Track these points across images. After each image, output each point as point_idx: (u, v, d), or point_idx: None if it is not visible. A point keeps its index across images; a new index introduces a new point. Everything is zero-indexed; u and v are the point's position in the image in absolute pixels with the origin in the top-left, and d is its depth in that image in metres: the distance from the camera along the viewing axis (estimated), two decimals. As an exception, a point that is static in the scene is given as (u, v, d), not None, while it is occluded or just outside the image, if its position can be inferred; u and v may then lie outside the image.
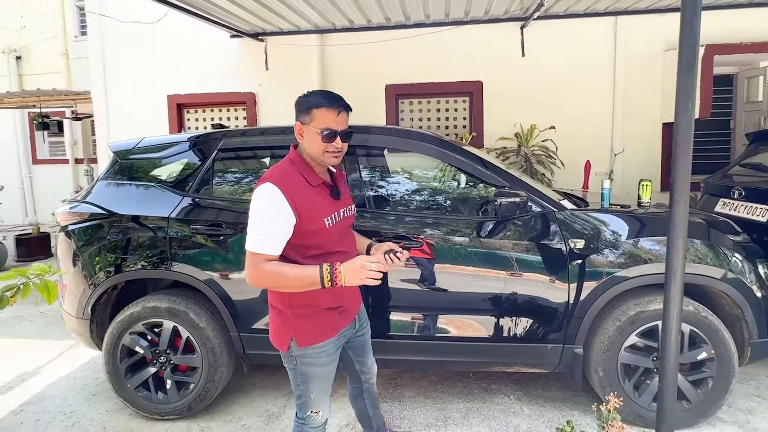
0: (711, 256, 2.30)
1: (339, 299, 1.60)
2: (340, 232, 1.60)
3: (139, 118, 5.54)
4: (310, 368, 1.60)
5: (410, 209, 2.56)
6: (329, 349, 1.61)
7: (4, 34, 9.12)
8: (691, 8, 1.37)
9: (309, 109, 1.51)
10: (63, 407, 2.74)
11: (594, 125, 4.85)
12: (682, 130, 1.43)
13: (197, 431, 2.46)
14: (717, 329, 2.25)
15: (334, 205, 1.58)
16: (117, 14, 5.43)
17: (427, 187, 2.78)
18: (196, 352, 2.48)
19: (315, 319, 1.56)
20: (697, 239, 2.34)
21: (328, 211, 1.54)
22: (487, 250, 2.31)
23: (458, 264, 2.31)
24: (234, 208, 2.50)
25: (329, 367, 1.63)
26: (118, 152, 2.79)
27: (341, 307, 1.62)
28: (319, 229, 1.50)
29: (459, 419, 2.50)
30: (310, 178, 1.53)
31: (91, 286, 2.54)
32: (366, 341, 1.86)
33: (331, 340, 1.60)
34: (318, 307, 1.55)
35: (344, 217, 1.63)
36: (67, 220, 2.66)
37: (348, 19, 4.55)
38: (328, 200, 1.56)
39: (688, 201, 1.46)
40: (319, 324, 1.57)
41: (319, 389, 1.63)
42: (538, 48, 4.85)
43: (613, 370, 2.31)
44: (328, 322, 1.59)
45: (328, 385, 1.67)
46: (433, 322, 2.37)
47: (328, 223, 1.52)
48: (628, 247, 2.28)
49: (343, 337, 1.69)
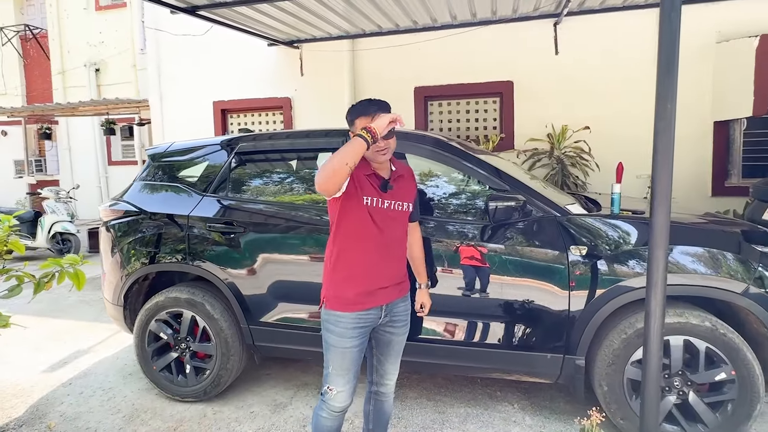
0: (731, 267, 2.11)
1: (360, 275, 1.74)
2: (383, 220, 1.75)
3: (188, 123, 6.01)
4: (327, 334, 1.77)
5: None
6: (346, 323, 1.73)
7: (86, 49, 10.26)
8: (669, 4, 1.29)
9: (352, 121, 1.77)
10: (103, 383, 3.08)
11: (633, 125, 4.54)
12: (661, 134, 1.35)
13: (211, 414, 2.66)
14: (738, 348, 2.06)
15: (378, 193, 1.75)
16: (170, 28, 5.93)
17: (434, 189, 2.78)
18: (212, 341, 2.68)
19: (340, 288, 1.75)
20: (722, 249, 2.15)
21: (371, 194, 1.74)
22: (482, 254, 2.28)
23: (451, 268, 2.31)
24: (245, 207, 2.67)
25: (345, 342, 1.73)
26: (152, 155, 3.08)
27: (364, 286, 1.74)
28: (358, 203, 1.71)
29: (457, 423, 2.49)
30: (364, 167, 1.75)
31: (124, 276, 2.84)
32: (391, 341, 1.87)
33: (350, 315, 1.73)
34: (343, 278, 1.75)
35: (389, 209, 1.77)
36: (108, 216, 2.99)
37: (376, 24, 4.64)
38: (375, 188, 1.75)
39: (669, 208, 1.37)
40: (340, 293, 1.75)
41: (336, 364, 1.75)
42: (573, 45, 4.64)
43: (619, 385, 2.19)
44: (346, 294, 1.74)
45: (345, 364, 1.74)
46: (430, 325, 2.38)
47: (367, 201, 1.72)
48: (634, 255, 2.15)
49: (367, 320, 1.76)
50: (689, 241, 2.18)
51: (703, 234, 2.31)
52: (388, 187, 1.77)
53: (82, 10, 10.30)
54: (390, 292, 1.81)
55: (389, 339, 1.87)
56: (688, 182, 4.43)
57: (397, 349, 1.91)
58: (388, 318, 1.83)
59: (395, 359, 1.92)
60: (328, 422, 1.81)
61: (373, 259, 1.75)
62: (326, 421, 1.81)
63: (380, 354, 1.90)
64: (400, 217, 1.83)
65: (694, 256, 2.14)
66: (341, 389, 1.76)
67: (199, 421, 2.60)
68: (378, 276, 1.77)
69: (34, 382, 3.12)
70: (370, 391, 1.99)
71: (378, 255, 1.76)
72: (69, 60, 10.44)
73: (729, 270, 2.11)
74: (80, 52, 10.28)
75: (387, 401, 1.98)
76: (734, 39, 4.13)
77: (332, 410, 1.79)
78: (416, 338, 2.40)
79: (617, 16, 4.44)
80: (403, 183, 1.84)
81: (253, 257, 2.58)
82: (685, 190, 4.37)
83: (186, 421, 2.60)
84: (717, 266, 2.12)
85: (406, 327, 1.90)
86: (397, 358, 1.93)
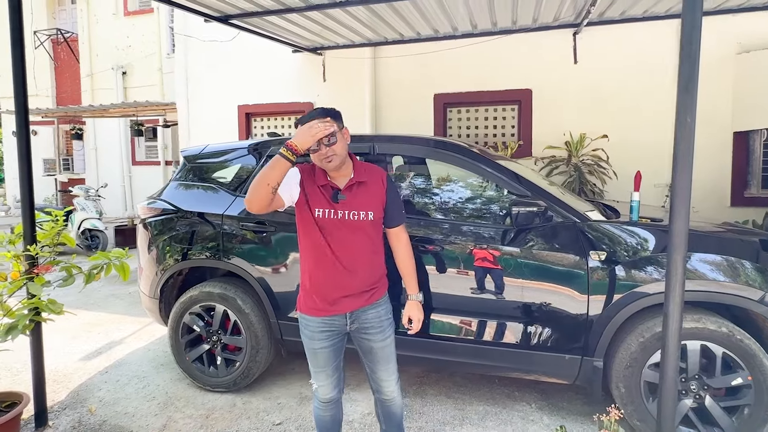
0: (748, 275, 2.17)
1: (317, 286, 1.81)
2: (337, 231, 1.77)
3: (214, 125, 6.23)
4: (302, 335, 1.89)
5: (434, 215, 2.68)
6: (312, 326, 1.84)
7: (113, 53, 10.64)
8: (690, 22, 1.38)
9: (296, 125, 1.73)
10: (137, 372, 3.24)
11: (652, 134, 4.59)
12: (682, 145, 1.44)
13: (240, 404, 2.80)
14: (754, 354, 2.11)
15: (330, 204, 1.77)
16: (199, 34, 6.16)
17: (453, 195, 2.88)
18: (242, 335, 2.82)
19: (305, 295, 1.86)
20: (739, 257, 2.22)
21: (323, 205, 1.76)
22: (506, 258, 2.38)
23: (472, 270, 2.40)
24: (277, 209, 2.81)
25: (315, 344, 1.84)
26: (187, 157, 3.25)
27: (322, 295, 1.80)
28: (309, 216, 1.76)
29: (476, 420, 2.58)
30: (318, 178, 1.79)
31: (160, 270, 3.00)
32: (372, 348, 1.87)
33: (314, 318, 1.83)
34: (308, 287, 1.84)
35: (344, 219, 1.76)
36: (146, 213, 3.16)
37: (398, 32, 4.78)
38: (326, 198, 1.77)
39: (688, 215, 1.46)
40: (306, 300, 1.86)
41: (312, 363, 1.88)
42: (592, 54, 4.71)
43: (636, 387, 2.26)
44: (312, 302, 1.83)
45: (319, 363, 1.86)
46: (453, 324, 2.48)
47: (317, 213, 1.76)
48: (652, 261, 2.23)
49: (333, 325, 1.83)
50: (707, 248, 2.25)
51: (721, 242, 2.37)
52: (340, 197, 1.75)
53: (111, 15, 10.69)
54: (353, 301, 1.81)
55: (369, 346, 1.87)
56: (707, 192, 4.45)
57: (382, 356, 1.88)
58: (357, 325, 1.84)
59: (385, 366, 1.90)
60: (319, 411, 1.97)
61: (329, 271, 1.77)
62: (318, 411, 1.98)
63: (368, 362, 1.93)
64: (360, 227, 1.78)
65: (712, 264, 2.21)
66: (321, 384, 1.90)
67: (229, 410, 2.73)
68: (336, 287, 1.78)
69: (73, 369, 3.30)
70: (375, 398, 2.04)
71: (334, 267, 1.77)
72: (97, 63, 10.83)
73: (747, 278, 2.17)
74: (108, 56, 10.66)
75: (393, 406, 1.98)
76: (755, 50, 4.16)
77: (320, 401, 1.94)
78: (439, 337, 2.50)
79: (636, 26, 4.50)
80: (363, 189, 1.79)
81: (283, 255, 2.72)
82: (704, 199, 4.40)
83: (217, 410, 2.74)
84: (735, 274, 2.18)
85: (383, 334, 1.86)
86: (387, 364, 1.90)
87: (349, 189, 1.77)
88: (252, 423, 2.59)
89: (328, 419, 1.98)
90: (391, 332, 1.91)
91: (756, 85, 4.12)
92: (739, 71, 4.27)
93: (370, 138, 2.77)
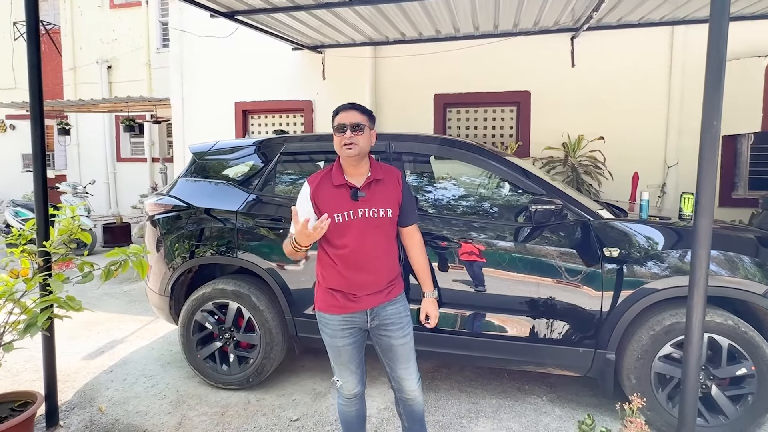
0: (754, 271, 2.29)
1: (340, 284, 1.82)
2: (356, 231, 1.77)
3: (210, 123, 6.14)
4: (322, 333, 1.91)
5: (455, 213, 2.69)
6: (333, 324, 1.85)
7: (98, 46, 10.35)
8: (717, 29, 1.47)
9: (333, 118, 1.83)
10: (144, 371, 3.20)
11: (646, 137, 4.76)
12: (707, 148, 1.53)
13: (254, 401, 2.79)
14: (758, 345, 2.24)
15: (350, 204, 1.77)
16: (194, 29, 6.07)
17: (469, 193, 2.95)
18: (256, 332, 2.82)
19: (325, 293, 1.87)
20: (741, 253, 2.34)
21: (341, 208, 1.76)
22: (522, 254, 2.45)
23: (495, 266, 2.47)
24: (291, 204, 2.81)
25: (336, 342, 1.86)
26: (197, 153, 3.22)
27: (344, 292, 1.82)
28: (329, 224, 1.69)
29: (491, 413, 2.64)
30: (336, 179, 1.80)
31: (171, 267, 2.97)
32: (391, 345, 1.87)
33: (334, 316, 1.84)
34: (328, 286, 1.86)
35: (363, 218, 1.77)
36: (154, 210, 3.12)
37: (400, 32, 4.81)
38: (345, 200, 1.78)
39: (712, 214, 1.54)
40: (326, 298, 1.87)
41: (335, 360, 1.90)
42: (589, 58, 4.85)
43: (646, 378, 2.35)
44: (333, 299, 1.84)
45: (342, 360, 1.88)
46: (470, 319, 2.54)
47: (337, 218, 1.75)
48: (662, 258, 2.33)
49: (354, 322, 1.84)
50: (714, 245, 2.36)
51: (726, 239, 2.48)
52: (359, 195, 1.76)
53: (96, 7, 10.39)
54: (374, 298, 1.83)
55: (389, 343, 1.87)
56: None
57: (402, 353, 1.88)
58: (377, 321, 1.85)
59: (405, 364, 1.89)
60: (344, 407, 1.99)
61: (350, 272, 1.79)
62: (342, 407, 1.99)
63: (387, 359, 1.92)
64: (380, 225, 1.80)
65: (718, 260, 2.32)
66: (345, 380, 1.92)
67: (244, 407, 2.73)
68: (357, 285, 1.81)
69: (77, 368, 3.23)
70: (396, 396, 2.03)
71: (354, 268, 1.79)
72: (81, 56, 10.51)
73: (749, 273, 2.29)
74: (93, 49, 10.37)
75: (415, 404, 1.97)
76: (744, 58, 4.36)
77: (345, 397, 1.96)
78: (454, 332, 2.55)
79: (632, 32, 4.65)
80: (381, 187, 1.81)
81: (300, 252, 2.72)
82: (693, 199, 4.58)
83: (232, 407, 2.73)
84: (739, 269, 2.30)
85: (403, 330, 1.87)
86: (408, 363, 1.89)
87: (367, 186, 1.80)
88: (269, 419, 2.60)
89: (353, 414, 2.00)
90: (410, 329, 1.93)
91: (745, 91, 4.32)
92: (729, 77, 4.43)
93: (386, 137, 2.80)
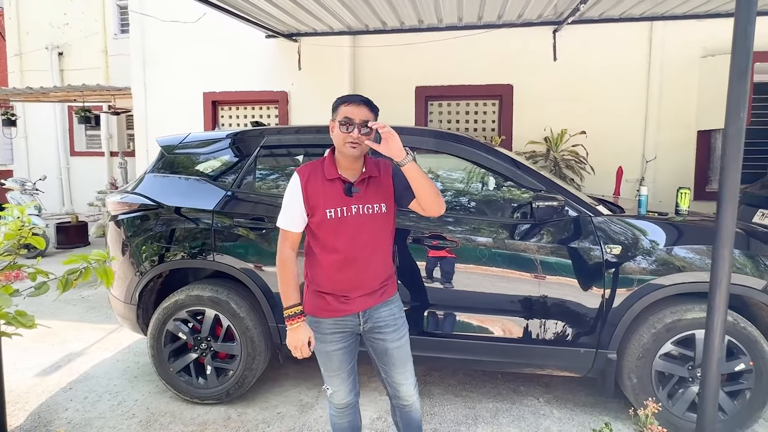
0: (751, 266, 2.28)
1: (331, 286, 1.71)
2: (350, 229, 1.66)
3: (175, 114, 5.73)
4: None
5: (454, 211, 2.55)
6: (324, 328, 1.73)
7: (48, 30, 9.54)
8: (744, 16, 1.38)
9: (336, 107, 1.66)
10: (108, 387, 2.89)
11: (626, 131, 4.79)
12: (731, 140, 1.44)
13: (235, 416, 2.57)
14: (756, 341, 2.23)
15: (343, 200, 1.66)
16: (157, 13, 5.63)
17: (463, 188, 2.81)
18: (236, 341, 2.59)
19: (315, 296, 1.75)
20: (736, 249, 2.32)
21: (334, 203, 1.65)
22: (522, 253, 2.34)
23: (492, 265, 2.35)
24: (276, 203, 2.59)
25: (328, 346, 1.74)
26: (165, 147, 2.92)
27: (336, 295, 1.71)
28: (321, 220, 1.65)
29: (488, 418, 2.53)
30: (328, 173, 1.67)
31: (139, 273, 2.68)
32: (387, 349, 1.77)
33: (326, 320, 1.72)
34: (318, 288, 1.73)
35: (358, 215, 1.66)
36: (117, 209, 2.81)
37: (381, 20, 4.62)
38: (338, 195, 1.66)
39: (736, 210, 1.47)
40: (316, 300, 1.74)
41: (325, 366, 1.78)
42: (571, 52, 4.82)
43: (647, 377, 2.31)
44: (324, 302, 1.72)
45: (333, 366, 1.76)
46: (470, 322, 2.41)
47: (329, 214, 1.65)
48: (664, 254, 2.28)
49: (346, 326, 1.73)
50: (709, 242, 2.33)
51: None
52: (354, 190, 1.67)
53: (45, -12, 9.57)
54: (366, 299, 1.72)
55: (384, 347, 1.77)
56: (671, 186, 4.71)
57: (398, 357, 1.78)
58: (370, 324, 1.75)
59: (402, 369, 1.79)
60: (336, 419, 1.87)
61: (341, 272, 1.68)
62: (334, 418, 1.87)
63: (383, 364, 1.81)
64: (374, 221, 1.69)
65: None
66: (336, 389, 1.80)
67: (224, 423, 2.50)
68: (348, 285, 1.69)
69: (28, 386, 2.89)
70: (392, 404, 1.92)
71: (346, 268, 1.68)
72: (28, 42, 9.66)
73: (749, 268, 2.27)
74: (41, 34, 9.55)
75: (412, 411, 1.87)
76: (718, 54, 4.44)
77: (336, 407, 1.84)
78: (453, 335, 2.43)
79: (612, 27, 4.66)
80: (375, 184, 1.72)
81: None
82: (668, 193, 4.66)
83: (210, 424, 2.49)
84: (737, 265, 2.27)
85: (398, 333, 1.77)
86: (404, 367, 1.79)
87: (361, 183, 1.70)
88: (253, 437, 2.38)
89: (345, 426, 1.87)
90: (405, 332, 1.81)
91: (719, 87, 4.41)
92: (703, 74, 4.55)
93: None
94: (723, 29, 4.46)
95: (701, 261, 2.26)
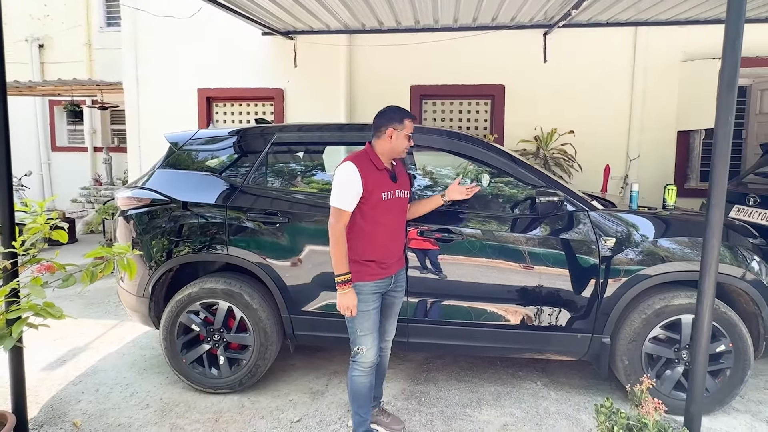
0: (731, 256, 2.49)
1: (377, 255, 2.10)
2: (394, 208, 2.13)
3: (169, 110, 5.71)
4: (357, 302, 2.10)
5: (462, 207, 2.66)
6: (367, 290, 2.09)
7: (28, 22, 9.26)
8: (733, 30, 1.54)
9: (402, 120, 2.10)
10: (118, 380, 2.93)
11: (611, 131, 5.03)
12: (720, 142, 1.61)
13: (249, 404, 2.65)
14: (735, 324, 2.44)
15: (391, 185, 2.12)
16: (151, 8, 5.58)
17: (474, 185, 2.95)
18: (249, 332, 2.67)
19: (360, 264, 2.09)
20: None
21: (387, 188, 2.10)
22: (523, 246, 2.49)
23: (494, 257, 2.50)
24: (288, 198, 2.68)
25: (369, 305, 2.09)
26: (175, 142, 2.97)
27: (379, 261, 2.10)
28: (377, 201, 2.06)
29: (492, 401, 2.69)
30: (377, 164, 2.10)
31: (150, 267, 2.72)
32: (393, 303, 2.25)
33: (369, 283, 2.09)
34: (361, 257, 2.09)
35: (398, 197, 2.14)
36: (128, 204, 2.85)
37: (378, 20, 4.71)
38: (388, 181, 2.12)
39: (723, 206, 1.64)
40: (360, 269, 2.09)
41: (364, 327, 2.09)
42: (560, 55, 5.03)
43: (638, 359, 2.50)
44: (366, 269, 2.09)
45: (369, 325, 2.10)
46: (473, 310, 2.56)
47: (384, 196, 2.08)
48: (654, 246, 2.47)
49: (381, 287, 2.13)
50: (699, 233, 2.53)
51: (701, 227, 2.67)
52: (395, 178, 2.15)
53: (24, -23, 9.29)
54: (396, 265, 2.21)
55: (392, 302, 2.25)
56: (652, 183, 4.98)
57: (395, 310, 2.29)
58: (393, 284, 2.22)
59: (393, 319, 2.31)
60: (363, 379, 2.14)
61: (387, 241, 2.13)
62: (362, 379, 2.14)
63: (383, 316, 2.22)
64: (404, 202, 2.20)
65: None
66: (370, 347, 2.11)
67: (239, 411, 2.58)
68: (390, 254, 2.15)
69: (37, 381, 2.90)
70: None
71: (389, 237, 2.14)
72: (6, 33, 9.30)
73: (730, 258, 2.48)
74: (21, 25, 9.26)
75: (385, 356, 2.34)
76: (698, 59, 4.71)
77: (364, 367, 2.12)
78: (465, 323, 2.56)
79: (599, 32, 4.88)
80: (402, 174, 2.21)
81: (298, 247, 2.61)
82: (650, 190, 4.92)
83: (225, 412, 2.57)
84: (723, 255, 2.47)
85: (402, 291, 2.31)
86: (395, 318, 2.31)
87: (397, 172, 2.19)
88: (268, 423, 2.48)
89: (367, 386, 2.15)
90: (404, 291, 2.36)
91: (697, 90, 4.69)
92: (683, 77, 4.82)
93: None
94: (702, 35, 4.73)
95: (686, 251, 2.45)
